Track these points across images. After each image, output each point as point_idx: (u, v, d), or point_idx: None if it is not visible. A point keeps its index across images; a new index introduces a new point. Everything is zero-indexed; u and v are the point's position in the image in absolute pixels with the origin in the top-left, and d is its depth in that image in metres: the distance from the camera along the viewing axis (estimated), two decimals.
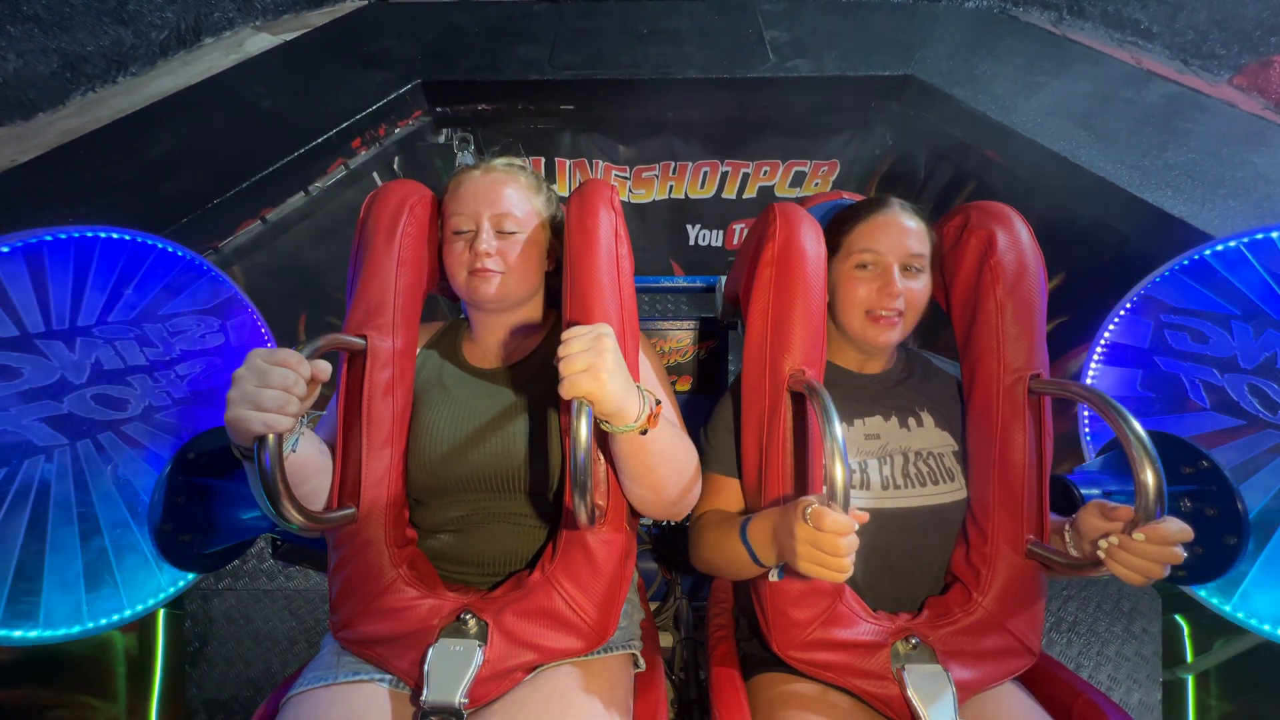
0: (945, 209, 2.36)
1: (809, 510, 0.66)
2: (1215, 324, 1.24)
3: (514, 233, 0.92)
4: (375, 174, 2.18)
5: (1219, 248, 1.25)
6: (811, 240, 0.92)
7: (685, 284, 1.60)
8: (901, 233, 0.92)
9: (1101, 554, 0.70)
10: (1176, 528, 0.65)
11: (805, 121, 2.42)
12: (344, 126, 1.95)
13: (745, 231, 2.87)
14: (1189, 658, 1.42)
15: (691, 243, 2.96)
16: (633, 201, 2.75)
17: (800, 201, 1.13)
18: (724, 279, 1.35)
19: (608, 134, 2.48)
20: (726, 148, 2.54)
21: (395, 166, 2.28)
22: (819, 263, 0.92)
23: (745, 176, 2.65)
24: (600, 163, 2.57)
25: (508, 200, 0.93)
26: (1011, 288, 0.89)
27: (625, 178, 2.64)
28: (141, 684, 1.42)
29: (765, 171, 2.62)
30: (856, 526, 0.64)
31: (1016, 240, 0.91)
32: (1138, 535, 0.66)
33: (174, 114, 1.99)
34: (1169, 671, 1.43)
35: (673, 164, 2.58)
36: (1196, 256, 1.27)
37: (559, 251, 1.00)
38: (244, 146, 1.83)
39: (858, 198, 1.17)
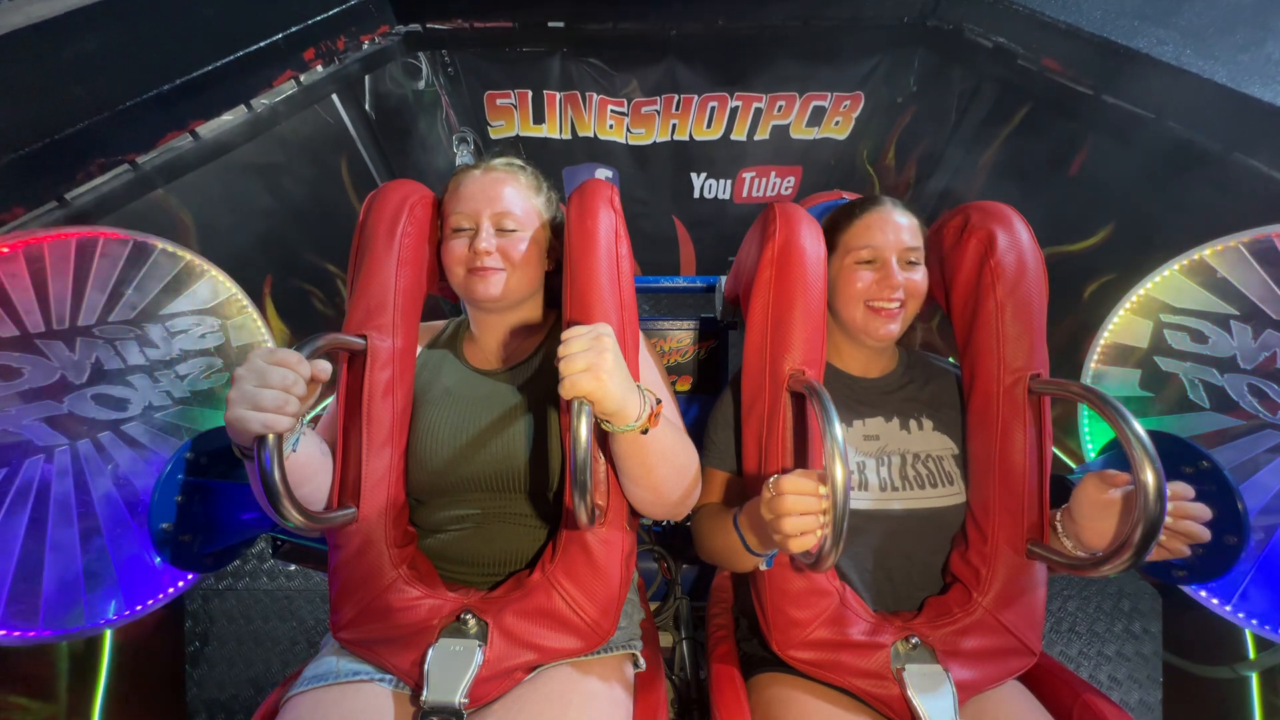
0: (986, 145, 2.16)
1: (772, 479, 0.69)
2: (1215, 324, 1.24)
3: (514, 230, 0.92)
4: (335, 96, 1.92)
5: (1219, 247, 1.25)
6: (811, 240, 0.92)
7: (685, 284, 1.60)
8: (896, 228, 0.94)
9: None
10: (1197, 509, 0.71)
11: (827, 43, 2.12)
12: (292, 32, 1.68)
13: (755, 181, 2.59)
14: (1251, 654, 1.36)
15: (697, 194, 2.64)
16: (630, 144, 2.45)
17: (799, 201, 1.13)
18: (724, 279, 1.35)
19: (603, 59, 2.19)
20: (737, 77, 2.23)
21: (367, 105, 2.03)
22: (819, 263, 0.92)
23: (757, 113, 2.34)
24: (594, 96, 2.28)
25: (507, 199, 0.93)
26: (1011, 288, 0.89)
27: (622, 113, 2.34)
28: (85, 683, 1.34)
29: (780, 107, 2.31)
30: (815, 481, 0.66)
31: (1016, 240, 0.91)
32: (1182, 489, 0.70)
33: (97, 21, 1.67)
34: (1231, 669, 1.37)
35: (676, 97, 2.28)
36: (1196, 256, 1.27)
37: (559, 251, 1.00)
38: (173, 51, 1.57)
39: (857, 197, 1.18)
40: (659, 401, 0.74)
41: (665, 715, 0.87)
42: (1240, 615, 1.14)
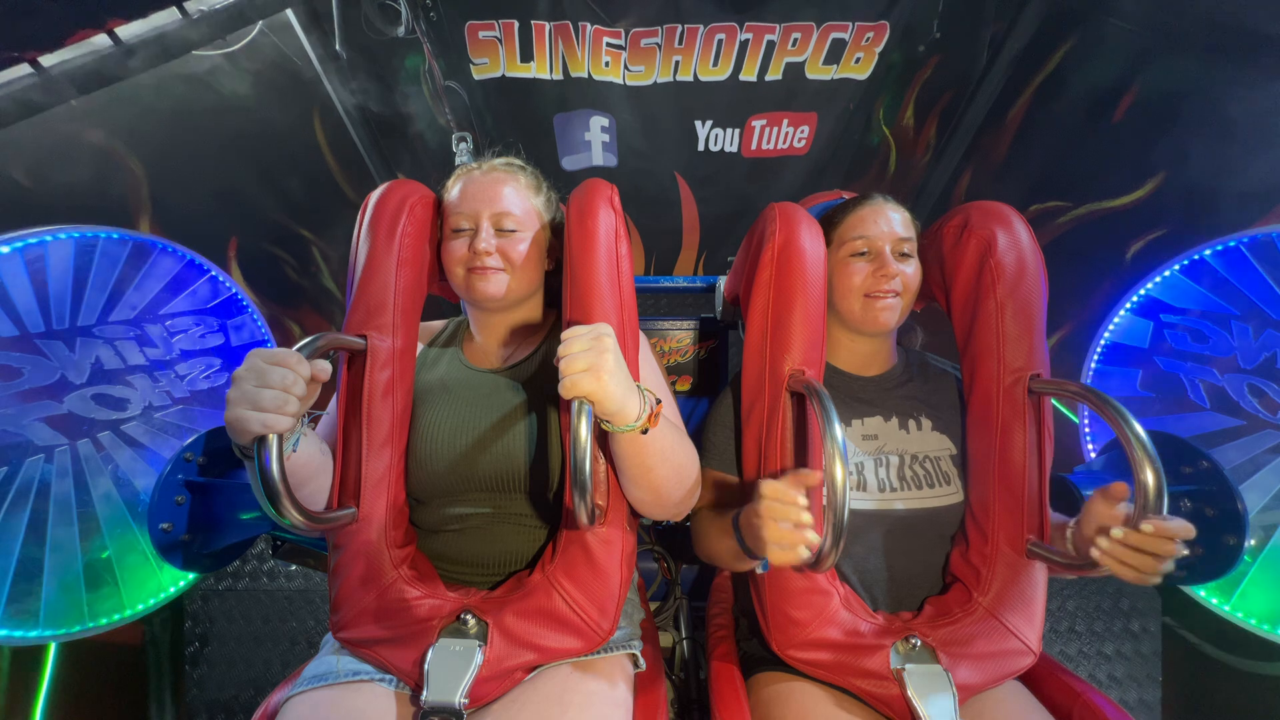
0: (1017, 94, 1.99)
1: (763, 485, 0.70)
2: (1215, 324, 1.24)
3: (514, 231, 0.92)
4: (297, 24, 1.66)
5: (1219, 247, 1.25)
6: (811, 240, 0.92)
7: (685, 284, 1.60)
8: (889, 220, 0.96)
9: (1097, 553, 0.69)
10: (1179, 525, 0.65)
11: None
12: None
13: (766, 130, 2.34)
14: None
15: (701, 147, 2.39)
16: (628, 84, 2.17)
17: (799, 201, 1.13)
18: (724, 279, 1.35)
19: None
20: (747, 3, 1.98)
21: (337, 44, 1.78)
22: (819, 263, 0.92)
23: (770, 47, 2.08)
24: (588, 26, 2.03)
25: (507, 199, 0.93)
26: (1011, 288, 0.89)
27: (619, 47, 2.07)
28: (26, 683, 1.29)
29: (795, 40, 2.06)
30: (796, 489, 0.68)
31: (1016, 240, 0.91)
32: (1146, 526, 0.65)
33: None
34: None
35: (679, 28, 2.02)
36: (1196, 256, 1.27)
37: (559, 251, 1.00)
38: None
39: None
40: (659, 402, 0.74)
41: (665, 715, 0.87)
42: (1240, 615, 1.14)
